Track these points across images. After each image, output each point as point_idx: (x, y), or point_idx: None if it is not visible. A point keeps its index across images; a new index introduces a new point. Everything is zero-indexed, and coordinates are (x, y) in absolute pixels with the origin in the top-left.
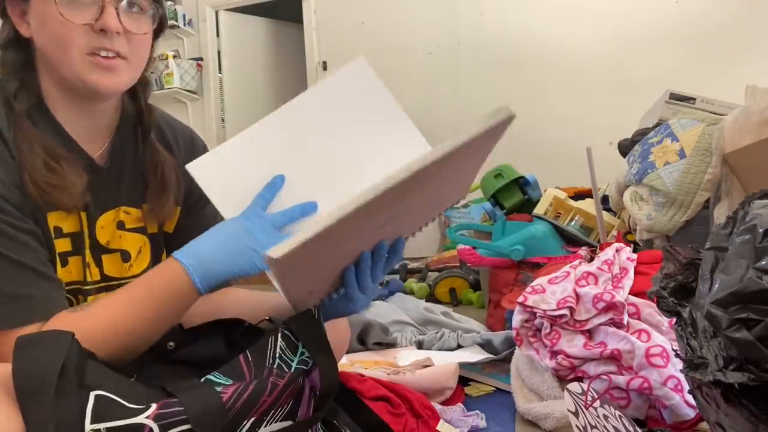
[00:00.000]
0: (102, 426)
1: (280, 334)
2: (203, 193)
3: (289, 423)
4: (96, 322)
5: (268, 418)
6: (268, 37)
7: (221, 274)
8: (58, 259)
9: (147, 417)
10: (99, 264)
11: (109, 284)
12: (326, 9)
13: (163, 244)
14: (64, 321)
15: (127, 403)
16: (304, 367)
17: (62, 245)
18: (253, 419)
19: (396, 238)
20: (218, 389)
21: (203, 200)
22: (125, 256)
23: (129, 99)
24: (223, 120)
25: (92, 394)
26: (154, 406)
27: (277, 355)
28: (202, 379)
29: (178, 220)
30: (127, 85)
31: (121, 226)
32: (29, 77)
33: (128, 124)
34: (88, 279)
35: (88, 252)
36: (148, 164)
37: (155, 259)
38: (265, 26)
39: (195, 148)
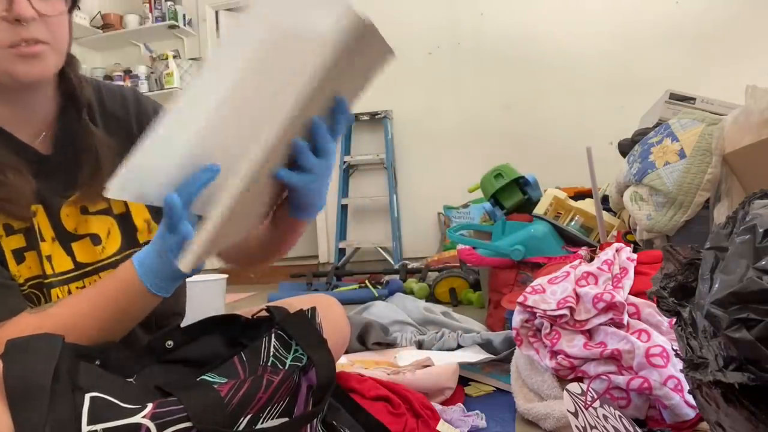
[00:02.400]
0: (99, 427)
1: (273, 335)
2: None
3: (285, 419)
4: (55, 322)
5: (264, 415)
6: None
7: (166, 276)
8: (12, 256)
9: (143, 416)
10: (70, 252)
11: (84, 271)
12: None
13: (134, 224)
14: (25, 322)
15: (122, 404)
16: (298, 364)
17: (15, 242)
18: (249, 416)
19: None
20: (215, 387)
21: None
22: (95, 240)
23: (60, 80)
24: None
25: (87, 396)
26: (150, 405)
27: (271, 353)
28: (198, 379)
29: None
30: (55, 68)
31: (84, 210)
32: None
33: (69, 107)
34: (48, 272)
35: (53, 244)
36: (82, 146)
37: (127, 239)
38: None
39: (142, 107)
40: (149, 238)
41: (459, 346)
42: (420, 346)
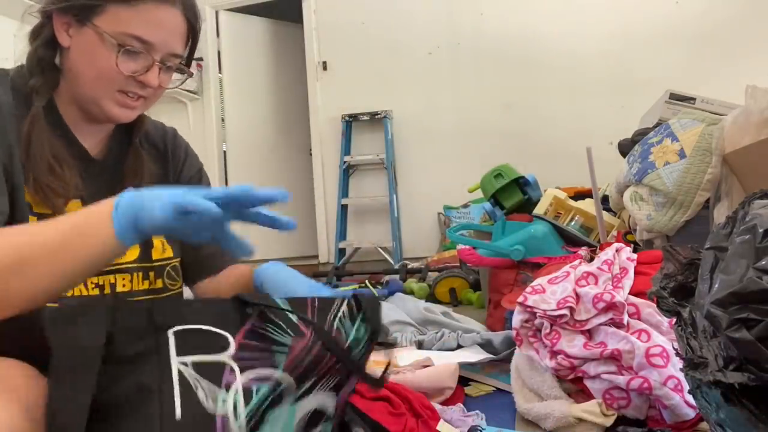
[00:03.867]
0: (189, 360)
1: (346, 300)
2: (195, 181)
3: (334, 394)
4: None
5: (322, 383)
6: (268, 37)
7: (143, 219)
8: None
9: (229, 357)
10: None
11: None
12: (326, 9)
13: (151, 242)
14: None
15: (211, 328)
16: (355, 348)
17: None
18: (314, 379)
19: None
20: (290, 335)
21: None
22: None
23: None
24: (223, 120)
25: (170, 332)
26: (233, 344)
27: (338, 315)
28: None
29: None
30: (137, 115)
31: None
32: (52, 78)
33: (122, 126)
34: None
35: None
36: (129, 167)
37: (144, 252)
38: (265, 26)
39: (177, 143)
40: (163, 256)
41: (459, 346)
42: (420, 346)
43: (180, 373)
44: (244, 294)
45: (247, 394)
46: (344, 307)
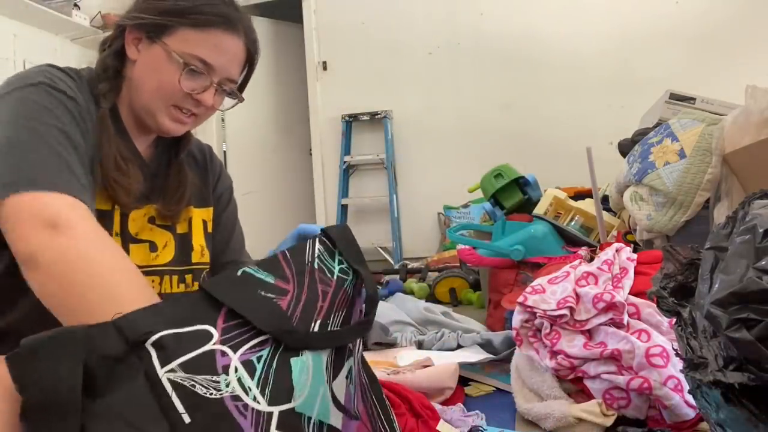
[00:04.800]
0: (174, 364)
1: (318, 240)
2: (226, 198)
3: (338, 330)
4: (103, 257)
5: (331, 321)
6: (268, 37)
7: None
8: None
9: (214, 344)
10: (127, 251)
11: None
12: (326, 9)
13: (191, 245)
14: (76, 209)
15: (186, 329)
16: (346, 278)
17: None
18: (319, 321)
19: None
20: (272, 298)
21: (223, 204)
22: (152, 247)
23: None
24: (222, 120)
25: (148, 345)
26: (215, 332)
27: (316, 256)
28: (239, 272)
29: (213, 218)
30: (186, 131)
31: (152, 221)
32: (117, 85)
33: (167, 139)
34: None
35: (115, 239)
36: (174, 178)
37: (182, 255)
38: (265, 26)
39: (213, 159)
40: (202, 260)
41: (459, 346)
42: (420, 346)
43: (170, 380)
44: (205, 283)
45: (248, 366)
46: (318, 245)
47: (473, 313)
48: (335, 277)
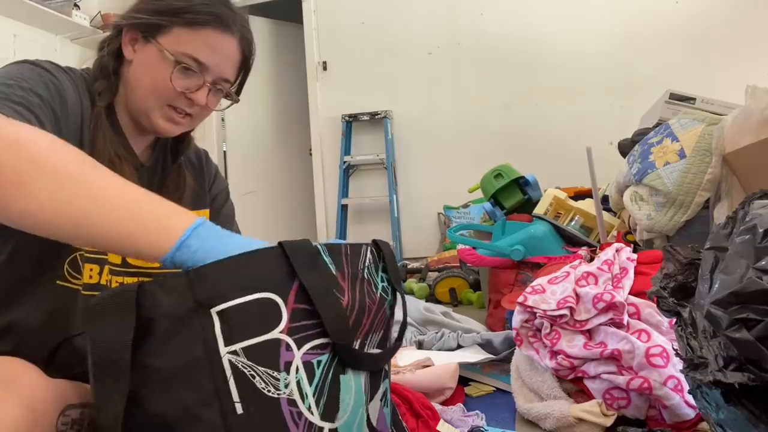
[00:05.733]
0: (238, 347)
1: (370, 247)
2: (222, 199)
3: (381, 351)
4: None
5: (368, 342)
6: (268, 37)
7: (201, 251)
8: None
9: (281, 332)
10: None
11: (128, 270)
12: (326, 9)
13: None
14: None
15: (257, 296)
16: (386, 297)
17: None
18: (359, 340)
19: None
20: (339, 298)
21: (220, 203)
22: None
23: None
24: (222, 120)
25: (213, 312)
26: (285, 315)
27: (366, 265)
28: (314, 244)
29: (209, 218)
30: (182, 131)
31: None
32: (114, 84)
33: (166, 141)
34: (109, 260)
35: None
36: (173, 180)
37: None
38: (265, 26)
39: (209, 163)
40: None
41: (459, 346)
42: (420, 346)
43: (231, 363)
44: (286, 242)
45: (309, 368)
46: (369, 254)
47: (473, 313)
48: (378, 295)
